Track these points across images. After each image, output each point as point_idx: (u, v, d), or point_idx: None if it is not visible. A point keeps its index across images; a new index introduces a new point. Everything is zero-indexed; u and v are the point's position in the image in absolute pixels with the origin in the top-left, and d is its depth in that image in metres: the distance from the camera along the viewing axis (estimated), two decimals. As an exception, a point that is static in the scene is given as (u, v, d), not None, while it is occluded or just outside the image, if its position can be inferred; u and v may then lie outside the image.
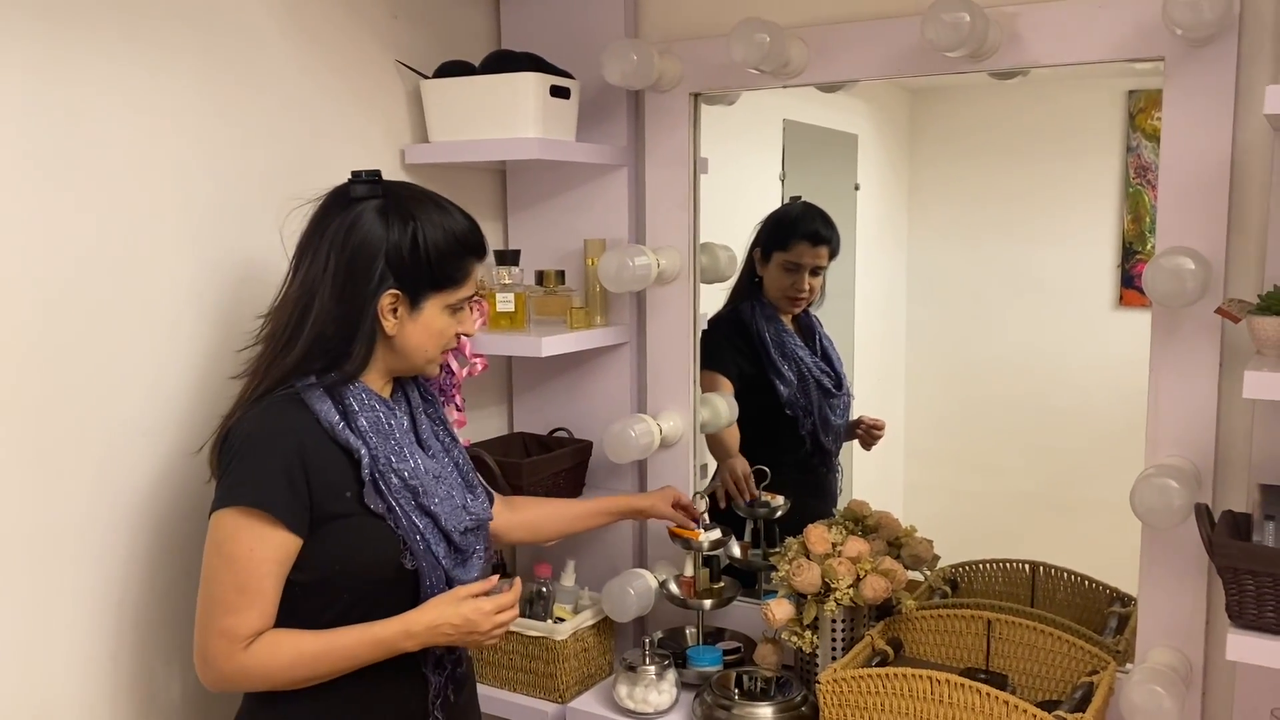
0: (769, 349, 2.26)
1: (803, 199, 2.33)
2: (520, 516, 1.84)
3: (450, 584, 1.48)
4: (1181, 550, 1.65)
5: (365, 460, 1.42)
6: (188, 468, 1.66)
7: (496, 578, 1.52)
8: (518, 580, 1.55)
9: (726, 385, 2.24)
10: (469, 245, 1.51)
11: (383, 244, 1.43)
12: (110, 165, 1.55)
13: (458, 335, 1.55)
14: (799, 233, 2.28)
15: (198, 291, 1.68)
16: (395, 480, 1.44)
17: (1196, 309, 1.60)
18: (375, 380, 1.51)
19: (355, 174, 1.48)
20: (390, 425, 1.48)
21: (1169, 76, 1.61)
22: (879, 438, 2.34)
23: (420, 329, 1.49)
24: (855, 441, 2.36)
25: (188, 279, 1.66)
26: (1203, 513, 1.49)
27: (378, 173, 1.49)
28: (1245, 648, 1.41)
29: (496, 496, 1.81)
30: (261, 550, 1.37)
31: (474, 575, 1.53)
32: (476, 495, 1.59)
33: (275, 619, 1.40)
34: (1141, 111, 2.07)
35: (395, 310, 1.46)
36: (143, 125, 1.59)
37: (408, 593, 1.46)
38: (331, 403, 1.43)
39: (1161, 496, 1.53)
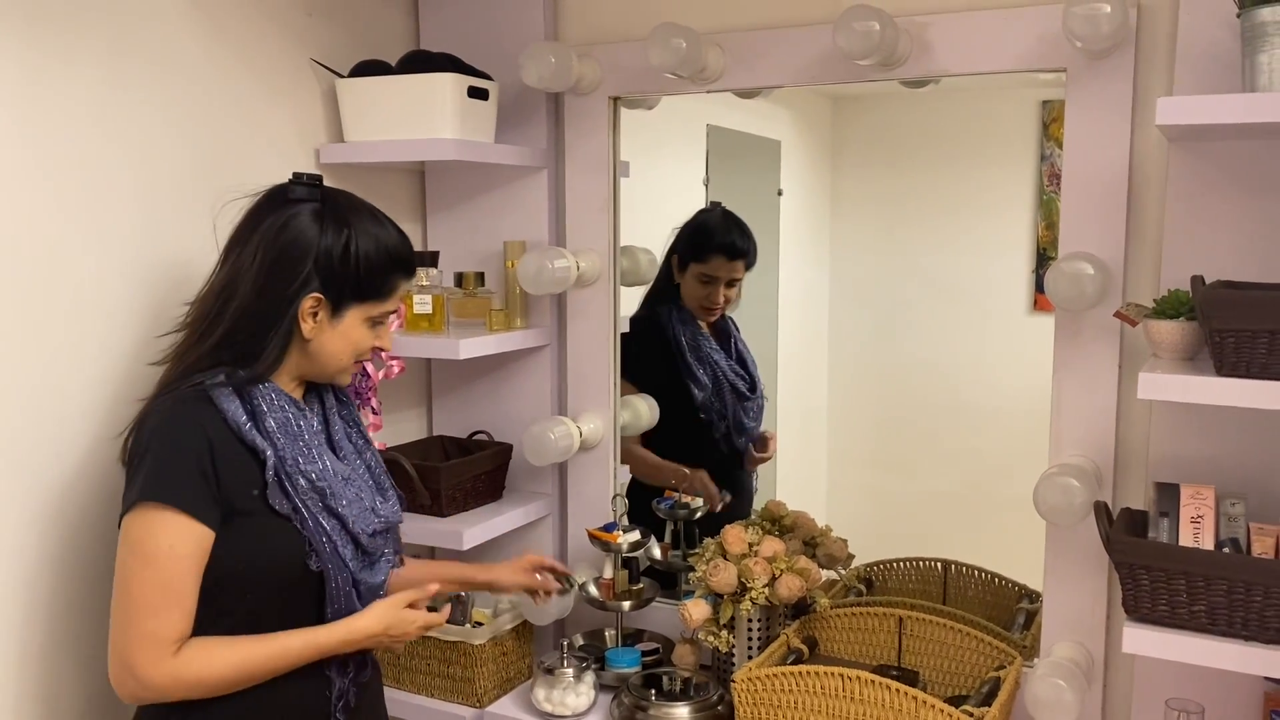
0: (685, 354, 2.27)
1: (722, 205, 2.33)
2: None
3: (356, 586, 1.47)
4: (1083, 547, 1.70)
5: (270, 461, 1.41)
6: (102, 465, 1.62)
7: (435, 587, 1.57)
8: (448, 608, 1.63)
9: (636, 394, 2.24)
10: (399, 261, 1.51)
11: (314, 247, 1.43)
12: (9, 157, 1.50)
13: (374, 350, 1.54)
14: (715, 245, 2.28)
15: (103, 285, 1.64)
16: (303, 482, 1.43)
17: (1097, 313, 1.65)
18: (286, 382, 1.50)
19: (296, 175, 1.48)
20: (300, 426, 1.46)
21: (1070, 87, 1.66)
22: (762, 461, 2.37)
23: (338, 337, 1.48)
24: (781, 444, 2.39)
25: (92, 274, 1.62)
26: (1101, 510, 1.54)
27: (319, 177, 1.49)
28: (1140, 640, 1.45)
29: None
30: (181, 547, 1.35)
31: (380, 578, 1.53)
32: (387, 498, 1.58)
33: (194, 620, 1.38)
34: (1054, 121, 2.13)
35: (316, 314, 1.46)
36: (47, 116, 1.54)
37: (311, 594, 1.44)
38: (240, 402, 1.42)
39: (1063, 495, 1.57)
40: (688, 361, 2.27)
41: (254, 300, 1.43)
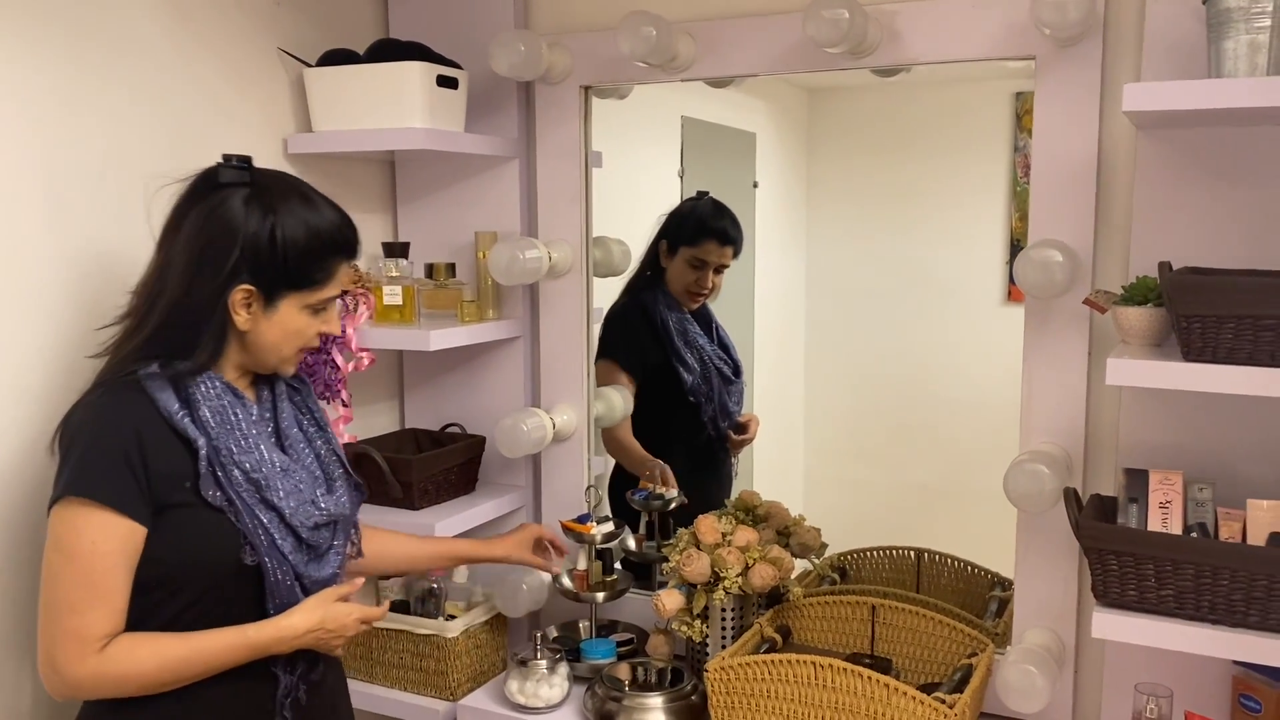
0: (673, 337, 2.29)
1: (710, 195, 2.34)
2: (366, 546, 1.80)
3: (299, 580, 1.44)
4: (1054, 534, 1.70)
5: (203, 451, 1.37)
6: (40, 460, 1.56)
7: (361, 580, 1.52)
8: (387, 603, 1.60)
9: (626, 379, 2.24)
10: (332, 244, 1.44)
11: (239, 236, 1.37)
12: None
13: (320, 335, 1.49)
14: (709, 231, 2.30)
15: (62, 278, 1.61)
16: (237, 473, 1.39)
17: (1066, 300, 1.65)
18: (229, 370, 1.46)
19: (226, 158, 1.43)
20: (237, 416, 1.42)
21: (1039, 75, 1.67)
22: (745, 444, 2.40)
23: (275, 327, 1.43)
24: (758, 434, 2.40)
25: (51, 266, 1.60)
26: (1071, 497, 1.54)
27: (248, 159, 1.43)
28: (1109, 625, 1.46)
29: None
30: (105, 543, 1.32)
31: (328, 571, 1.48)
32: (334, 490, 1.53)
33: (125, 617, 1.35)
34: (1027, 112, 2.13)
35: (249, 306, 1.41)
36: (4, 105, 1.52)
37: (251, 589, 1.41)
38: (173, 391, 1.38)
39: (1033, 482, 1.57)
40: (676, 346, 2.28)
41: (184, 294, 1.38)
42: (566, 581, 2.01)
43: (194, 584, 1.38)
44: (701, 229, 2.30)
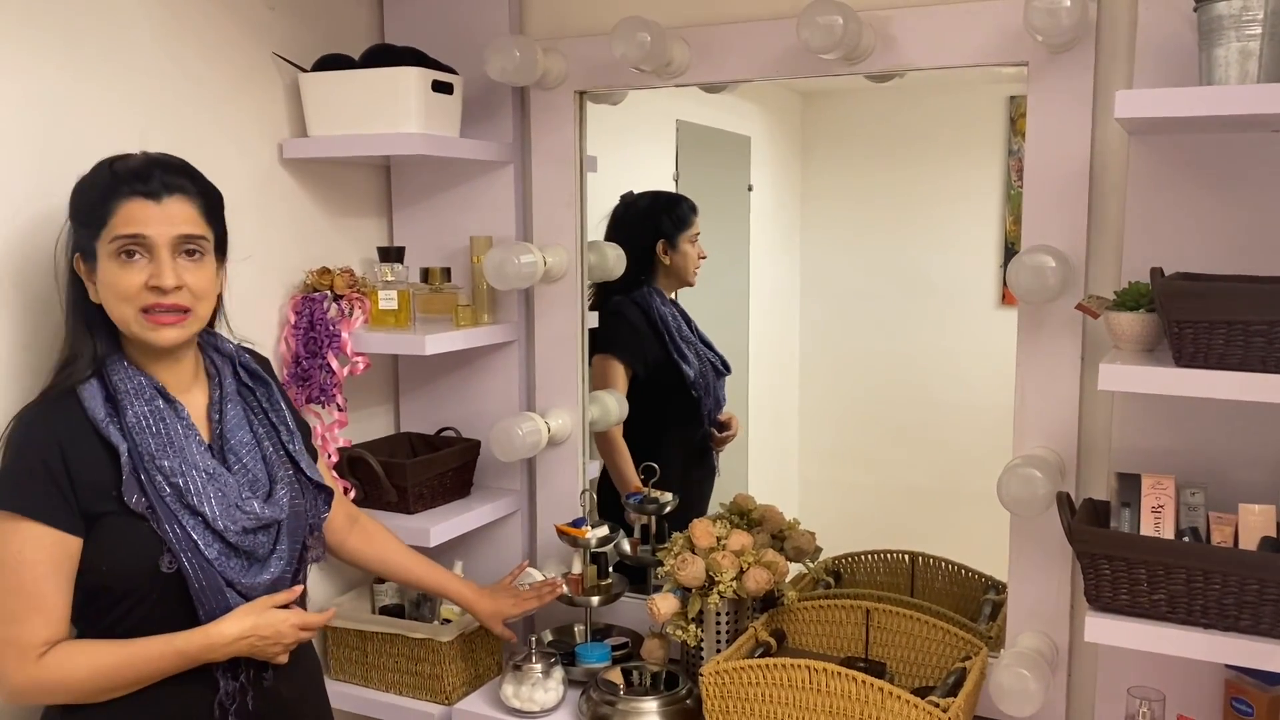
0: (671, 332, 2.32)
1: (633, 191, 2.37)
2: (354, 545, 1.81)
3: (232, 586, 1.41)
4: (1047, 538, 1.71)
5: (124, 457, 1.36)
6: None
7: (300, 588, 1.51)
8: (332, 610, 1.63)
9: (621, 373, 2.26)
10: (110, 178, 1.39)
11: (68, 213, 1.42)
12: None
13: (153, 289, 1.38)
14: (691, 207, 2.37)
15: (52, 283, 1.61)
16: (159, 478, 1.37)
17: (1059, 305, 1.66)
18: (162, 372, 1.44)
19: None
20: (165, 420, 1.40)
21: (1032, 81, 1.67)
22: (729, 439, 2.44)
23: (104, 287, 1.39)
24: (752, 438, 2.41)
25: (44, 270, 1.59)
26: (1064, 501, 1.55)
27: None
28: (1102, 630, 1.47)
29: (344, 508, 1.77)
30: (32, 553, 1.32)
31: (267, 577, 1.45)
32: (275, 494, 1.48)
33: (68, 625, 1.36)
34: (1022, 116, 2.13)
35: (90, 275, 1.40)
36: (-2, 112, 1.52)
37: (177, 597, 1.38)
38: (103, 398, 1.38)
39: (1026, 486, 1.58)
40: (676, 341, 2.31)
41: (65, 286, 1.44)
42: (562, 585, 2.01)
43: (126, 591, 1.37)
44: (685, 208, 2.37)
